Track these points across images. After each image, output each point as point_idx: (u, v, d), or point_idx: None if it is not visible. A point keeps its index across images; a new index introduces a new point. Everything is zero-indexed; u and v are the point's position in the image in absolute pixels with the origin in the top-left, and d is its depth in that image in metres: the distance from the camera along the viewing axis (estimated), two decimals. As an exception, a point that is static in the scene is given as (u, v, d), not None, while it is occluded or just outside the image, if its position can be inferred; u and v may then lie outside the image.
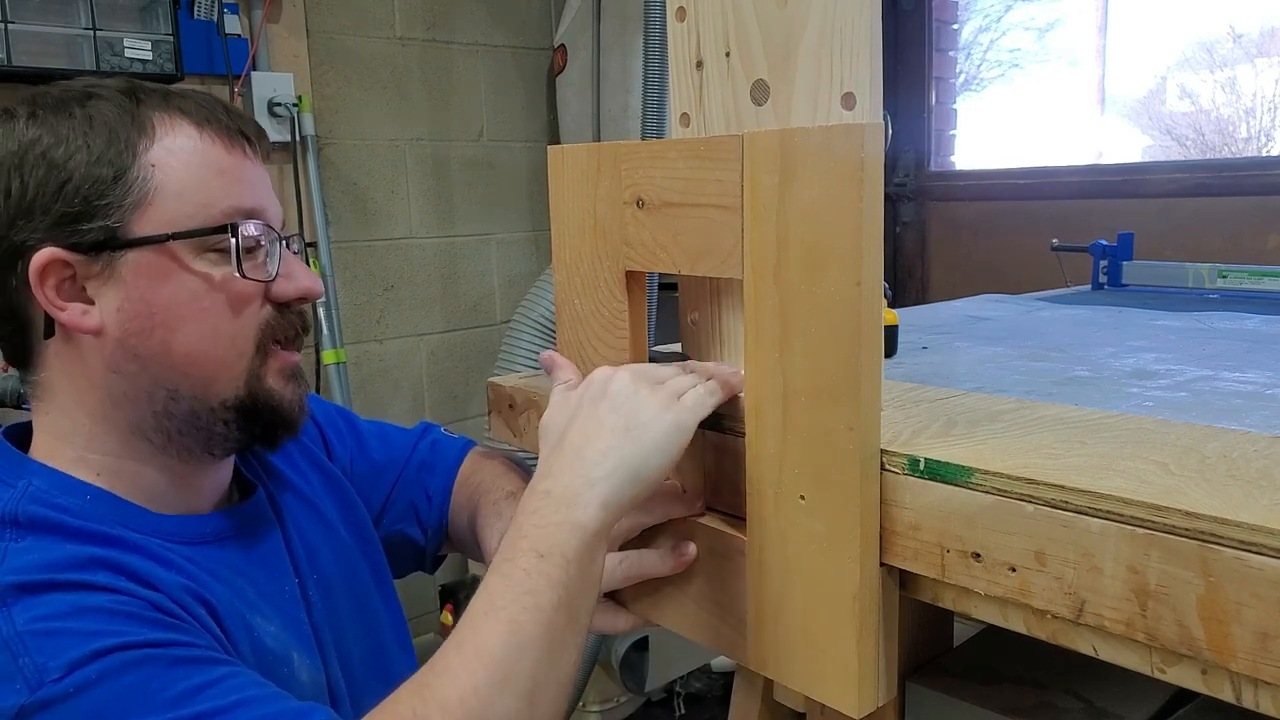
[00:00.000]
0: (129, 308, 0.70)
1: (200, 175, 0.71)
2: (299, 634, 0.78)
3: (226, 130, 0.73)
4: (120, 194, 0.69)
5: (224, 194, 0.72)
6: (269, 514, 0.82)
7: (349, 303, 2.43)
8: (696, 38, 0.75)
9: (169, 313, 0.70)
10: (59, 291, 0.69)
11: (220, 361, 0.72)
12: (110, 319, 0.69)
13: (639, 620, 0.79)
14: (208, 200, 0.71)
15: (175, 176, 0.70)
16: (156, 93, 0.73)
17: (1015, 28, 3.06)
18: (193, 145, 0.72)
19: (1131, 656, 0.53)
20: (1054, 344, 1.06)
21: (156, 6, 1.95)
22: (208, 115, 0.73)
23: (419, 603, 2.60)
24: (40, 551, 0.64)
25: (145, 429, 0.72)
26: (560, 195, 0.79)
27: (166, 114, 0.72)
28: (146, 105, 0.72)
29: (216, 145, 0.72)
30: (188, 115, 0.72)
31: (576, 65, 2.52)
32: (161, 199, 0.69)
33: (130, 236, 0.69)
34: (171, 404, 0.72)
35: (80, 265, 0.69)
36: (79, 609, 0.60)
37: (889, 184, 2.57)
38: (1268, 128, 3.14)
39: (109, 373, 0.70)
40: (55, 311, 0.69)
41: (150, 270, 0.69)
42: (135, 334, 0.70)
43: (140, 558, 0.67)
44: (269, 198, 0.76)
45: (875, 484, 0.61)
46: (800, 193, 0.60)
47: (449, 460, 1.00)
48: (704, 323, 0.81)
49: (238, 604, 0.72)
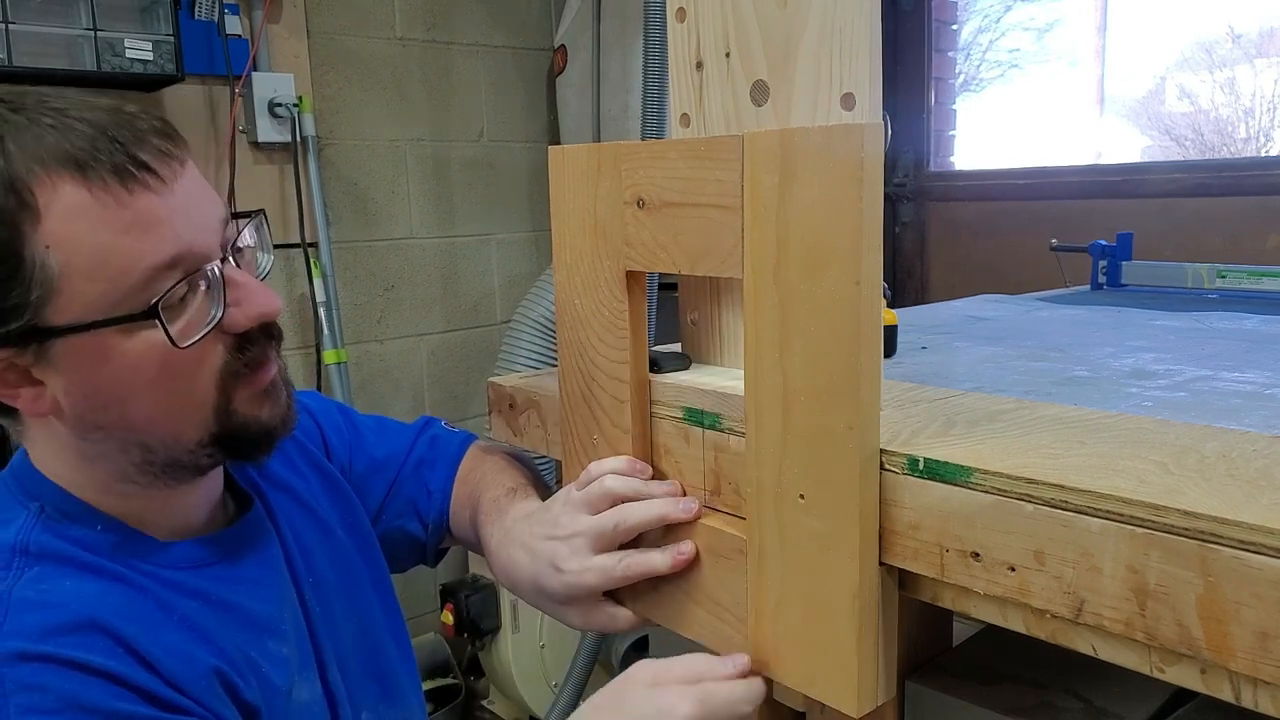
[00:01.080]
0: (75, 389, 0.66)
1: (104, 240, 0.62)
2: (303, 644, 0.78)
3: (117, 170, 0.62)
4: (21, 291, 0.61)
5: (137, 253, 0.63)
6: (266, 524, 0.82)
7: (349, 303, 2.43)
8: (696, 38, 0.75)
9: (116, 390, 0.66)
10: (4, 381, 0.65)
11: (182, 418, 0.69)
12: (62, 399, 0.66)
13: (639, 620, 0.79)
14: (122, 268, 0.62)
15: (77, 252, 0.61)
16: (24, 130, 0.61)
17: (1015, 28, 3.06)
18: (84, 205, 0.61)
19: (1131, 656, 0.53)
20: (1053, 344, 1.06)
21: (157, 7, 1.95)
22: (92, 154, 0.61)
23: (419, 602, 2.61)
24: (42, 610, 0.63)
25: (128, 475, 0.71)
26: (561, 195, 0.79)
27: (44, 172, 0.61)
28: (16, 162, 0.60)
29: (111, 193, 0.62)
30: (69, 165, 0.61)
31: (576, 65, 2.52)
32: (69, 282, 0.62)
33: (48, 326, 0.63)
34: (148, 454, 0.70)
35: (12, 356, 0.64)
36: (73, 706, 0.60)
37: (889, 184, 2.57)
38: (1267, 128, 3.14)
39: (79, 440, 0.69)
40: (8, 399, 0.67)
41: (84, 354, 0.64)
42: (90, 411, 0.67)
43: (143, 612, 0.67)
44: (194, 222, 0.66)
45: (875, 483, 0.61)
46: (800, 192, 0.60)
47: (449, 455, 1.00)
48: (704, 323, 0.81)
49: (249, 639, 0.72)
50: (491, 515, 0.89)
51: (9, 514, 0.69)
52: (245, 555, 0.78)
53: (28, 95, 0.64)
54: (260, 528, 0.81)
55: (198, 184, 0.68)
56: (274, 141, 2.23)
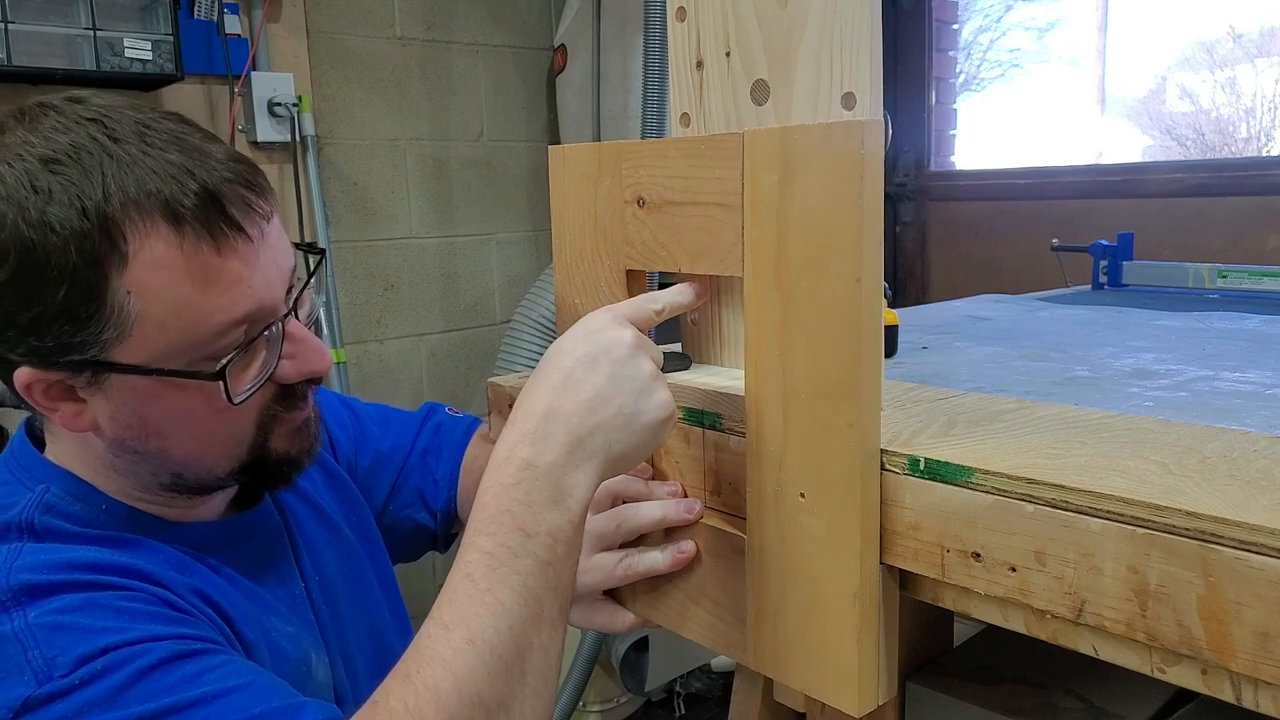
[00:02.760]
0: (120, 418, 0.67)
1: (185, 294, 0.62)
2: (312, 635, 0.78)
3: (209, 227, 0.62)
4: (95, 331, 0.62)
5: (214, 309, 0.63)
6: (275, 518, 0.82)
7: (349, 303, 2.43)
8: (696, 38, 0.75)
9: (162, 425, 0.67)
10: (48, 395, 0.66)
11: (220, 454, 0.71)
12: (104, 422, 0.67)
13: (639, 620, 0.79)
14: (196, 322, 0.63)
15: (156, 302, 0.62)
16: (126, 169, 0.61)
17: (1015, 28, 3.06)
18: (173, 258, 0.61)
19: (1131, 656, 0.53)
20: (1054, 344, 1.06)
21: (156, 6, 1.95)
22: (188, 206, 0.61)
23: (421, 601, 2.60)
24: (53, 552, 0.64)
25: (151, 488, 0.72)
26: (561, 195, 0.79)
27: (139, 217, 0.60)
28: (114, 202, 0.60)
29: (202, 249, 0.62)
30: (165, 214, 0.61)
31: (576, 65, 2.52)
32: (142, 329, 0.62)
33: (112, 362, 0.63)
34: (178, 479, 0.71)
35: (65, 377, 0.65)
36: (88, 605, 0.61)
37: (889, 184, 2.57)
38: (1268, 128, 3.14)
39: (112, 456, 0.70)
40: (47, 412, 0.67)
41: (138, 391, 0.65)
42: (131, 439, 0.68)
43: (150, 560, 0.67)
44: (270, 279, 0.66)
45: (875, 482, 0.61)
46: (801, 190, 0.60)
47: (454, 442, 1.00)
48: (704, 322, 0.81)
49: (254, 608, 0.72)
50: None
51: (12, 496, 0.69)
52: (254, 545, 0.78)
53: (125, 121, 0.63)
54: (270, 523, 0.81)
55: (277, 236, 0.68)
56: (273, 141, 2.23)
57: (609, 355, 0.63)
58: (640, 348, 0.64)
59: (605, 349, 0.63)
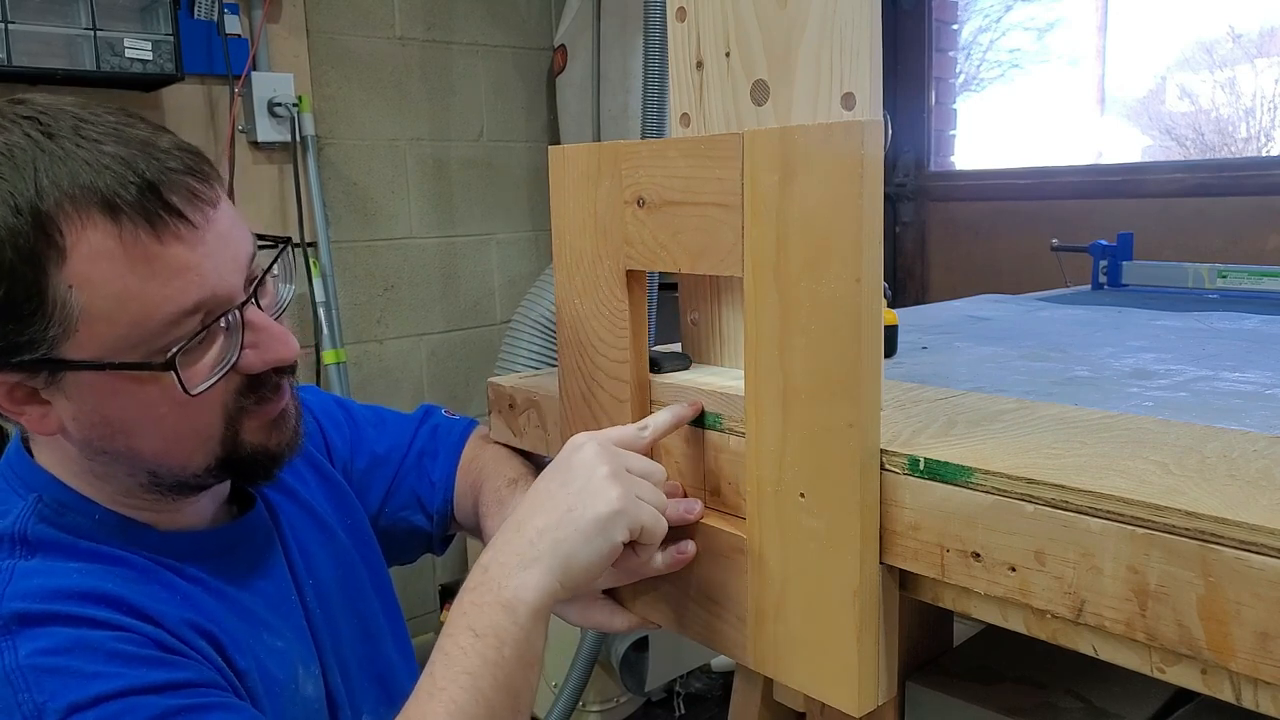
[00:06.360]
0: (84, 418, 0.66)
1: (128, 285, 0.61)
2: (304, 643, 0.78)
3: (148, 216, 0.61)
4: (40, 328, 0.61)
5: (161, 299, 0.62)
6: (268, 524, 0.82)
7: (349, 303, 2.43)
8: (696, 38, 0.75)
9: (126, 422, 0.66)
10: (11, 399, 0.65)
11: (189, 449, 0.69)
12: (69, 423, 0.66)
13: (638, 620, 0.79)
14: (143, 313, 0.62)
15: (99, 295, 0.61)
16: (59, 163, 0.60)
17: (1015, 28, 3.06)
18: (112, 250, 0.60)
19: (1131, 656, 0.53)
20: (1054, 344, 1.06)
21: (156, 6, 1.95)
22: (124, 197, 0.60)
23: (419, 602, 2.60)
24: (45, 576, 0.64)
25: (134, 491, 0.72)
26: (561, 195, 0.79)
27: (74, 210, 0.59)
28: (48, 198, 0.59)
29: (140, 237, 0.61)
30: (100, 206, 0.60)
31: (576, 65, 2.52)
32: (88, 323, 0.61)
33: (64, 359, 0.62)
34: (155, 478, 0.70)
35: (23, 379, 0.64)
36: (80, 645, 0.60)
37: (889, 184, 2.57)
38: (1267, 128, 3.14)
39: (86, 459, 0.69)
40: (15, 416, 0.66)
41: (95, 388, 0.64)
42: (98, 439, 0.67)
43: (144, 586, 0.67)
44: (221, 265, 0.65)
45: (875, 481, 0.61)
46: (800, 190, 0.60)
47: (450, 444, 1.00)
48: (704, 322, 0.81)
49: (246, 628, 0.72)
50: (492, 507, 0.89)
51: (5, 505, 0.69)
52: (246, 552, 0.78)
53: (62, 117, 0.62)
54: (262, 528, 0.81)
55: (228, 222, 0.66)
56: (273, 141, 2.23)
57: (569, 465, 0.67)
58: (600, 455, 0.67)
59: (568, 461, 0.68)
